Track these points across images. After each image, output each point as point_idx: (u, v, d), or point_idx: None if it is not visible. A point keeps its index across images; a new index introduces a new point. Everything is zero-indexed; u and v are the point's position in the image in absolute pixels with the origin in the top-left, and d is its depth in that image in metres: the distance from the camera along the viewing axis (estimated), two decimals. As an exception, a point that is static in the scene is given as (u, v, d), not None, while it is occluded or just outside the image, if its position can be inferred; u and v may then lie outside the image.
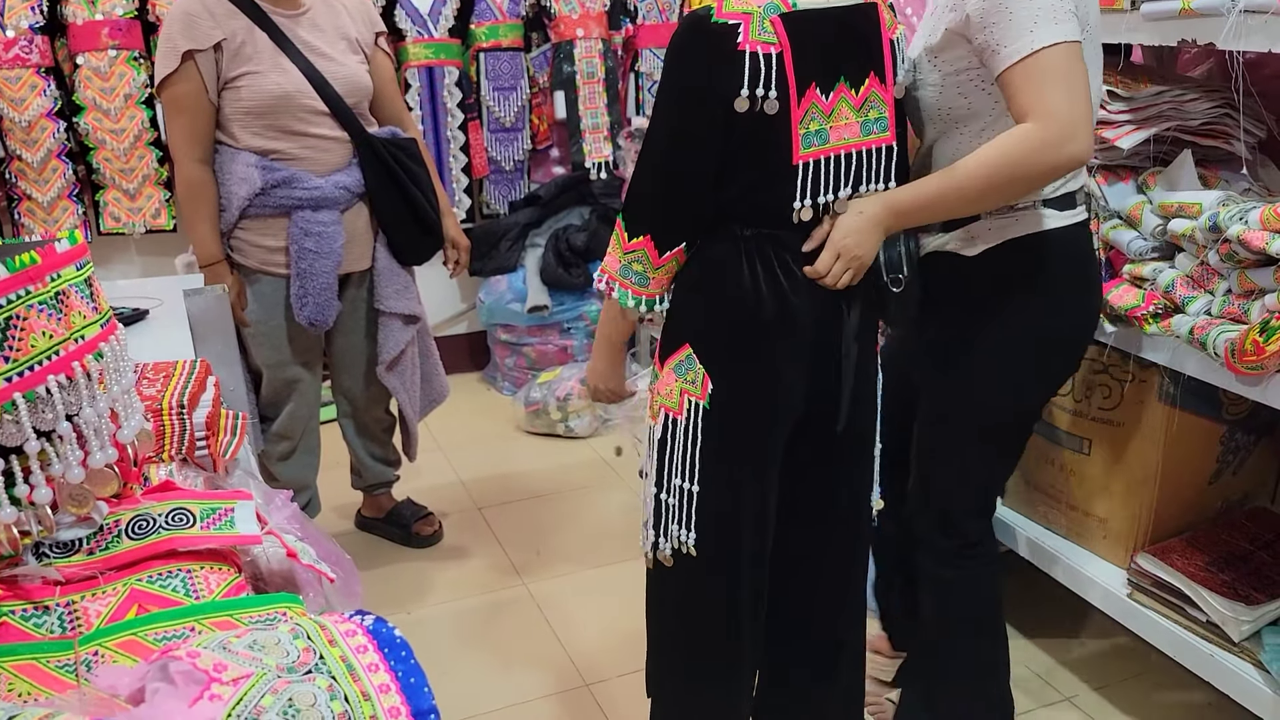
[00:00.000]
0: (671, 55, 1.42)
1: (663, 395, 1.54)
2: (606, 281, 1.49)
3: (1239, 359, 1.55)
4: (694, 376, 1.51)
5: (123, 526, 0.85)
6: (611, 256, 1.48)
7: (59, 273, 0.78)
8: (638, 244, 1.46)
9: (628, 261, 1.47)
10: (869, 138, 1.46)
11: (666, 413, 1.54)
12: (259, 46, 2.21)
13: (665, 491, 1.56)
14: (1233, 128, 1.86)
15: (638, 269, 1.47)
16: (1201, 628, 1.79)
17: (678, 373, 1.52)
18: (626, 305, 1.49)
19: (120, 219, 3.25)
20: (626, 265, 1.47)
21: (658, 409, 1.56)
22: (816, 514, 1.65)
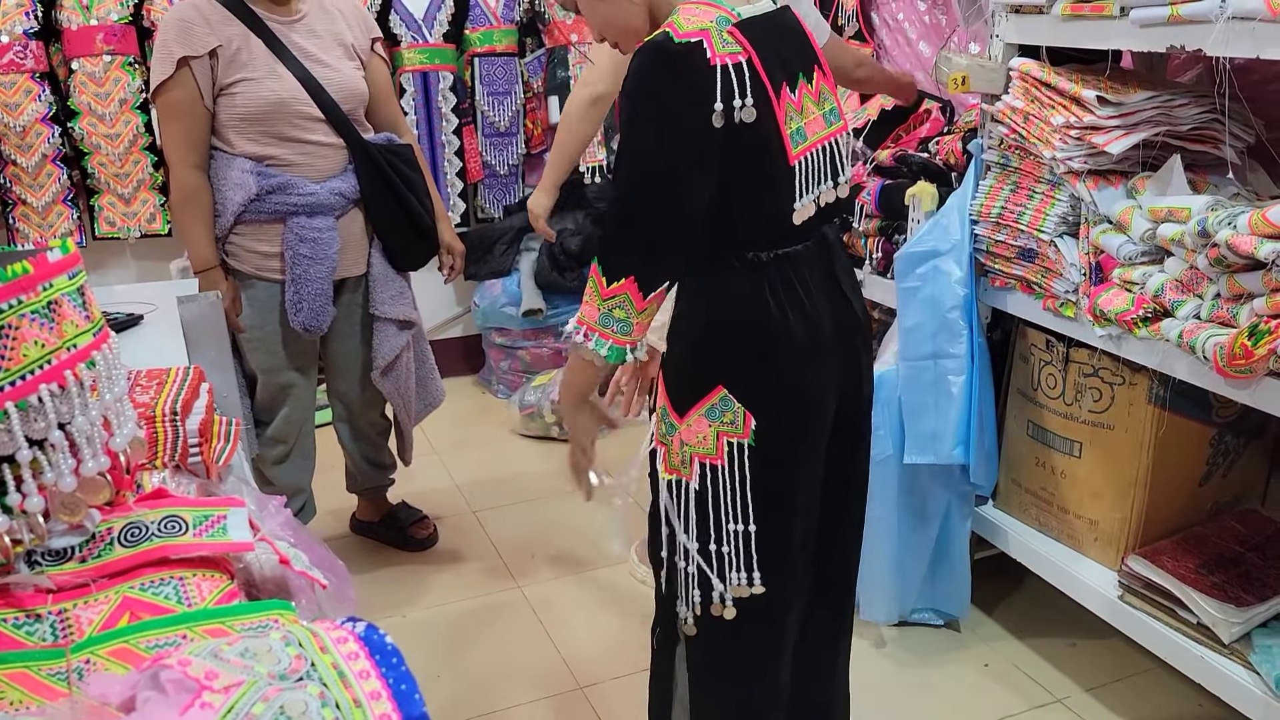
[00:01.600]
0: (641, 88, 1.34)
1: (694, 444, 1.47)
2: (585, 333, 1.38)
3: (1228, 362, 1.56)
4: (732, 417, 1.46)
5: (115, 534, 0.86)
6: (589, 306, 1.37)
7: (51, 282, 0.79)
8: (618, 289, 1.35)
9: (608, 309, 1.36)
10: (831, 128, 1.47)
11: (703, 462, 1.46)
12: (254, 53, 2.21)
13: (717, 541, 1.49)
14: (1221, 133, 1.87)
15: (619, 315, 1.36)
16: (1192, 630, 1.80)
17: (711, 417, 1.46)
18: (606, 357, 1.38)
19: (115, 224, 3.26)
20: (607, 314, 1.36)
21: (687, 460, 1.48)
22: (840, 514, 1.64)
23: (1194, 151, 1.89)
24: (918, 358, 2.13)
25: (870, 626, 2.34)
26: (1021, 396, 2.21)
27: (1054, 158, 1.89)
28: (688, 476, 1.48)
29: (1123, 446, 1.99)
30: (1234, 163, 1.89)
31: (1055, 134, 1.89)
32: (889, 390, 2.16)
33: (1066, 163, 1.88)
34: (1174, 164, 1.82)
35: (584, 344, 1.38)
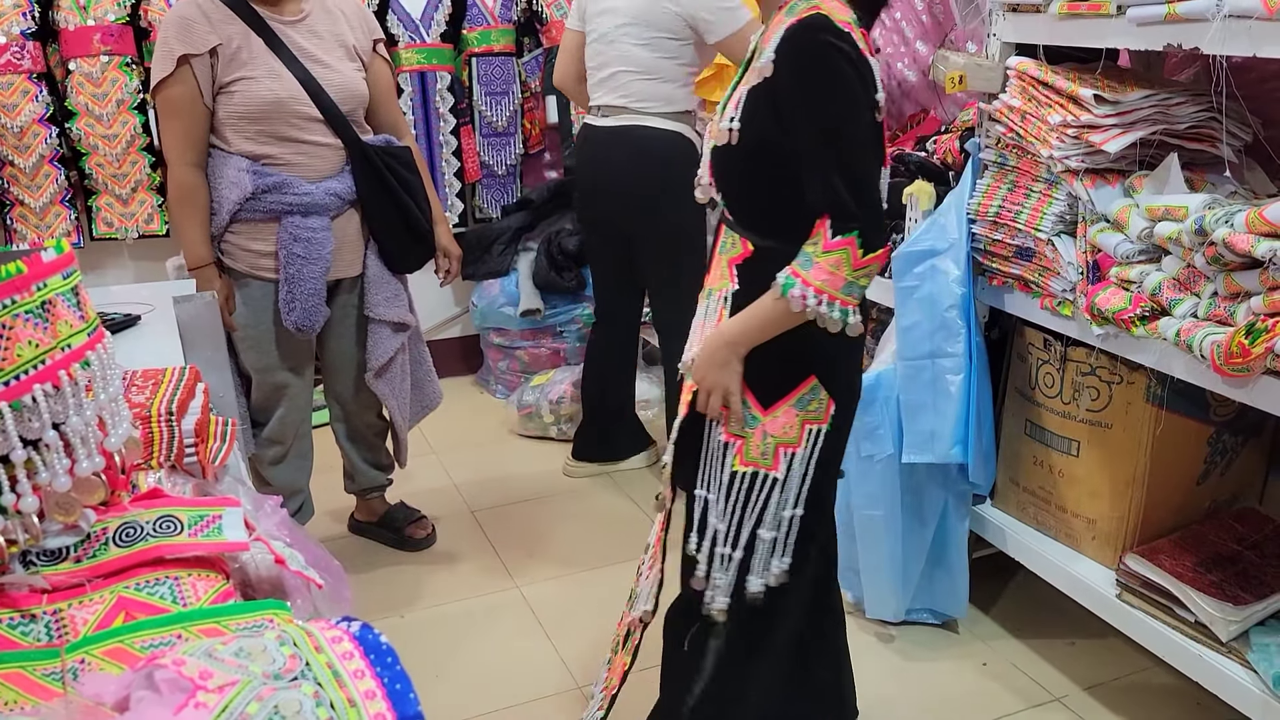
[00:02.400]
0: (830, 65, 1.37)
1: (779, 435, 1.50)
2: (826, 300, 1.38)
3: (1225, 361, 1.56)
4: (817, 405, 1.50)
5: (110, 534, 0.86)
6: (832, 274, 1.37)
7: (45, 282, 0.79)
8: (872, 259, 1.38)
9: (855, 278, 1.38)
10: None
11: (788, 451, 1.50)
12: (254, 52, 2.21)
13: (773, 527, 1.53)
14: (1218, 131, 1.87)
15: (863, 284, 1.40)
16: (1190, 628, 1.80)
17: (799, 406, 1.49)
18: (845, 321, 1.40)
19: (113, 224, 3.25)
20: (852, 282, 1.38)
21: (770, 452, 1.50)
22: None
23: (1191, 150, 1.89)
24: (915, 357, 2.13)
25: (869, 624, 2.34)
26: (1019, 395, 2.21)
27: (1051, 156, 1.89)
28: (770, 468, 1.51)
29: (1120, 445, 1.99)
30: (1231, 161, 1.88)
31: (1052, 133, 1.89)
32: (887, 389, 2.16)
33: (1064, 161, 1.88)
34: (1171, 162, 1.82)
35: (821, 310, 1.38)
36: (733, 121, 1.45)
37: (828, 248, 1.38)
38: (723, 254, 1.56)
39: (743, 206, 1.52)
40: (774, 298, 1.41)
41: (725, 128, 1.46)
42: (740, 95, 1.46)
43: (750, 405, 1.50)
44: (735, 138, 1.45)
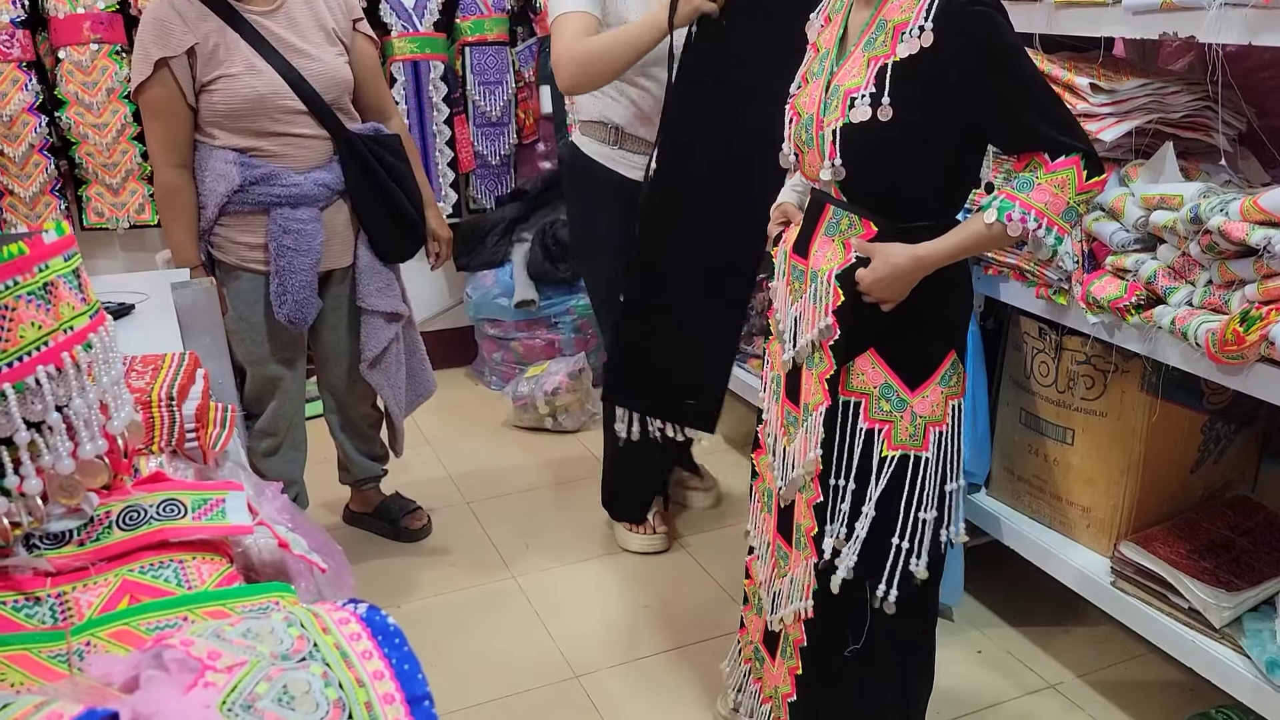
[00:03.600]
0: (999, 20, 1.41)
1: (928, 414, 1.52)
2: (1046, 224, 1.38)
3: (1220, 349, 1.57)
4: (956, 380, 1.54)
5: (114, 517, 0.85)
6: (1056, 197, 1.37)
7: (47, 263, 0.78)
8: (1097, 183, 1.40)
9: (1076, 203, 1.38)
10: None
11: (937, 429, 1.52)
12: (232, 48, 2.18)
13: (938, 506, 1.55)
14: (1213, 120, 1.88)
15: (1081, 210, 1.41)
16: (1183, 614, 1.81)
17: (943, 383, 1.52)
18: (1055, 249, 1.41)
19: (104, 214, 3.24)
20: (1072, 208, 1.38)
21: (920, 432, 1.51)
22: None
23: (1186, 139, 1.90)
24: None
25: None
26: (1014, 385, 2.21)
27: (1047, 145, 1.89)
28: (920, 448, 1.52)
29: (1115, 434, 2.00)
30: (1226, 150, 1.89)
31: (1048, 122, 1.89)
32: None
33: (1060, 150, 1.88)
34: (1166, 151, 1.82)
35: (1039, 234, 1.38)
36: (878, 97, 1.42)
37: (1051, 169, 1.38)
38: (834, 235, 1.53)
39: (877, 186, 1.49)
40: (984, 223, 1.40)
41: (865, 104, 1.42)
42: (876, 70, 1.43)
43: (897, 388, 1.51)
44: (888, 113, 1.41)
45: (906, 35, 1.41)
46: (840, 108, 1.45)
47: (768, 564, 1.78)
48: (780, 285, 1.66)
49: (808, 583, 1.64)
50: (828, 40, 1.56)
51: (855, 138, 1.44)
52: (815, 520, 1.60)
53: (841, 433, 1.54)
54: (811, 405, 1.58)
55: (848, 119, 1.44)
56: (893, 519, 1.54)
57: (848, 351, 1.52)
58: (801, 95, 1.56)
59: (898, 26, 1.43)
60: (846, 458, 1.54)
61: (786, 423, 1.66)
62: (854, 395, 1.53)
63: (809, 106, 1.52)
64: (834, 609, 1.62)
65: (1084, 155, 1.38)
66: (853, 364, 1.52)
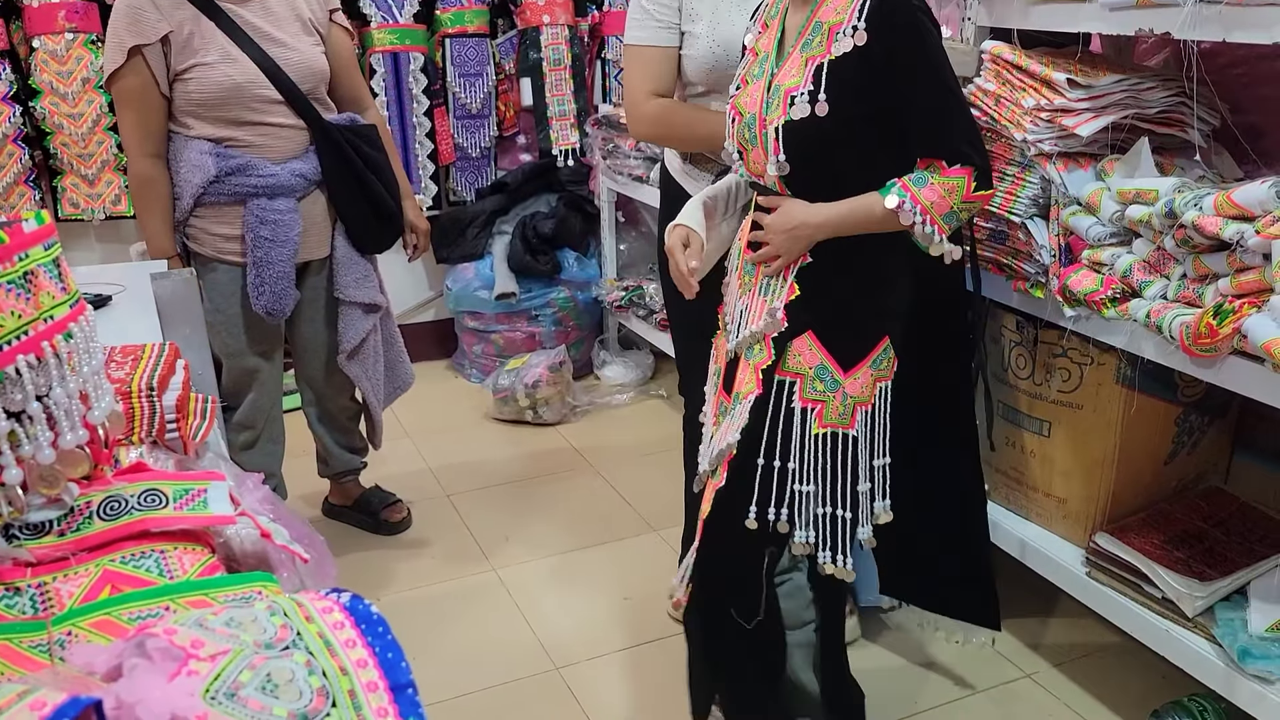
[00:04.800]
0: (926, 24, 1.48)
1: (858, 395, 1.58)
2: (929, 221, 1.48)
3: (1194, 341, 1.59)
4: (887, 364, 1.60)
5: (94, 508, 0.85)
6: (942, 199, 1.48)
7: (27, 252, 0.78)
8: (982, 196, 1.50)
9: (961, 209, 1.49)
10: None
11: (863, 409, 1.58)
12: (207, 37, 2.16)
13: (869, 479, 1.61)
14: (1188, 116, 1.90)
15: (963, 217, 1.51)
16: (1157, 604, 1.84)
17: (874, 366, 1.59)
18: (933, 242, 1.50)
19: (79, 205, 3.20)
20: (956, 212, 1.49)
21: (848, 411, 1.57)
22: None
23: (1161, 134, 1.92)
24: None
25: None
26: (992, 377, 2.23)
27: (1025, 140, 1.91)
28: (847, 426, 1.58)
29: (1091, 426, 2.02)
30: (1200, 145, 1.92)
31: (1026, 116, 1.90)
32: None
33: (1037, 145, 1.90)
34: (1142, 146, 1.84)
35: (923, 226, 1.48)
36: (815, 95, 1.49)
37: (946, 174, 1.48)
38: None
39: (817, 179, 1.56)
40: (879, 203, 1.49)
41: (804, 102, 1.50)
42: (813, 69, 1.50)
43: (832, 369, 1.57)
44: (824, 109, 1.49)
45: (840, 35, 1.49)
46: (781, 106, 1.53)
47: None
48: (732, 279, 1.73)
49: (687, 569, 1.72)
50: (766, 44, 1.63)
51: (796, 134, 1.52)
52: (712, 505, 1.65)
53: (774, 414, 1.59)
54: (743, 394, 1.63)
55: (789, 116, 1.52)
56: (826, 491, 1.60)
57: (787, 335, 1.59)
58: (742, 95, 1.63)
59: (832, 27, 1.50)
60: (781, 438, 1.59)
61: (719, 413, 1.71)
62: (789, 375, 1.59)
63: (750, 106, 1.59)
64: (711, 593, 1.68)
65: (977, 169, 1.49)
66: (790, 346, 1.58)
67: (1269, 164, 1.96)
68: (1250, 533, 1.98)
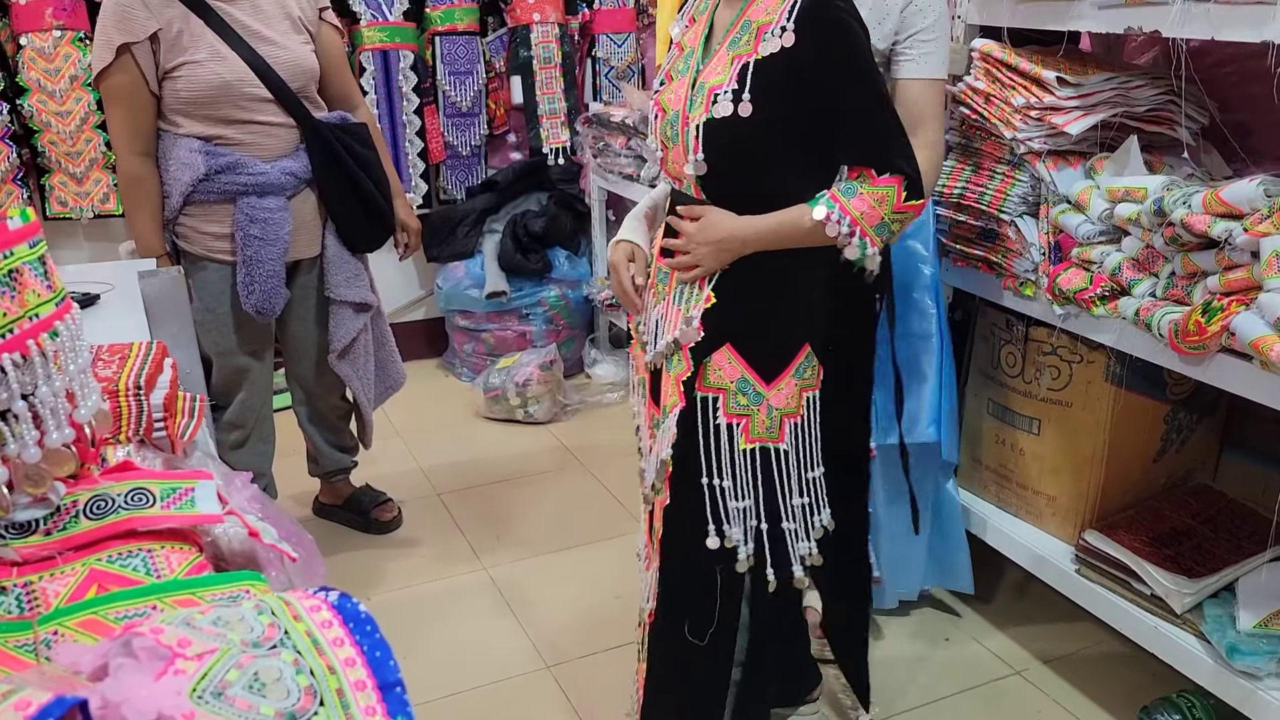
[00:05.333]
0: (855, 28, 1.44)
1: (783, 407, 1.53)
2: (859, 233, 1.43)
3: (1182, 339, 1.60)
4: (811, 372, 1.55)
5: (81, 506, 0.84)
6: (873, 210, 1.43)
7: (12, 250, 0.77)
8: (913, 206, 1.45)
9: (892, 220, 1.45)
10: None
11: (791, 421, 1.54)
12: (196, 34, 2.15)
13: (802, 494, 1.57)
14: (1176, 114, 1.91)
15: (895, 228, 1.46)
16: (1146, 601, 1.85)
17: (798, 376, 1.54)
18: (863, 253, 1.45)
19: (67, 203, 3.19)
20: (887, 223, 1.44)
21: (776, 424, 1.53)
22: None
23: (1150, 133, 1.93)
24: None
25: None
26: (982, 375, 2.24)
27: (1014, 138, 1.91)
28: (776, 440, 1.54)
29: (1080, 423, 2.03)
30: (1189, 144, 1.92)
31: (1016, 114, 1.91)
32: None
33: (1027, 143, 1.91)
34: (1131, 145, 1.85)
35: (851, 240, 1.44)
36: (739, 94, 1.43)
37: (875, 183, 1.44)
38: None
39: (734, 181, 1.50)
40: (806, 216, 1.44)
41: (728, 100, 1.44)
42: (739, 68, 1.44)
43: (753, 382, 1.52)
44: (747, 109, 1.43)
45: (769, 35, 1.44)
46: (704, 104, 1.47)
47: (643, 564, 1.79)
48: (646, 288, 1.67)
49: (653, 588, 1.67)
50: (692, 39, 1.58)
51: (717, 133, 1.46)
52: (664, 523, 1.61)
53: (704, 431, 1.55)
54: (669, 407, 1.59)
55: (711, 114, 1.46)
56: (760, 506, 1.56)
57: (705, 349, 1.54)
58: (666, 92, 1.57)
59: (761, 27, 1.45)
60: (712, 456, 1.55)
61: (652, 425, 1.68)
62: (711, 391, 1.54)
63: (674, 103, 1.54)
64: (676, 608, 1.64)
65: (906, 178, 1.44)
66: (709, 361, 1.53)
67: (1257, 162, 1.97)
68: (1238, 530, 1.99)
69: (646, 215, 1.74)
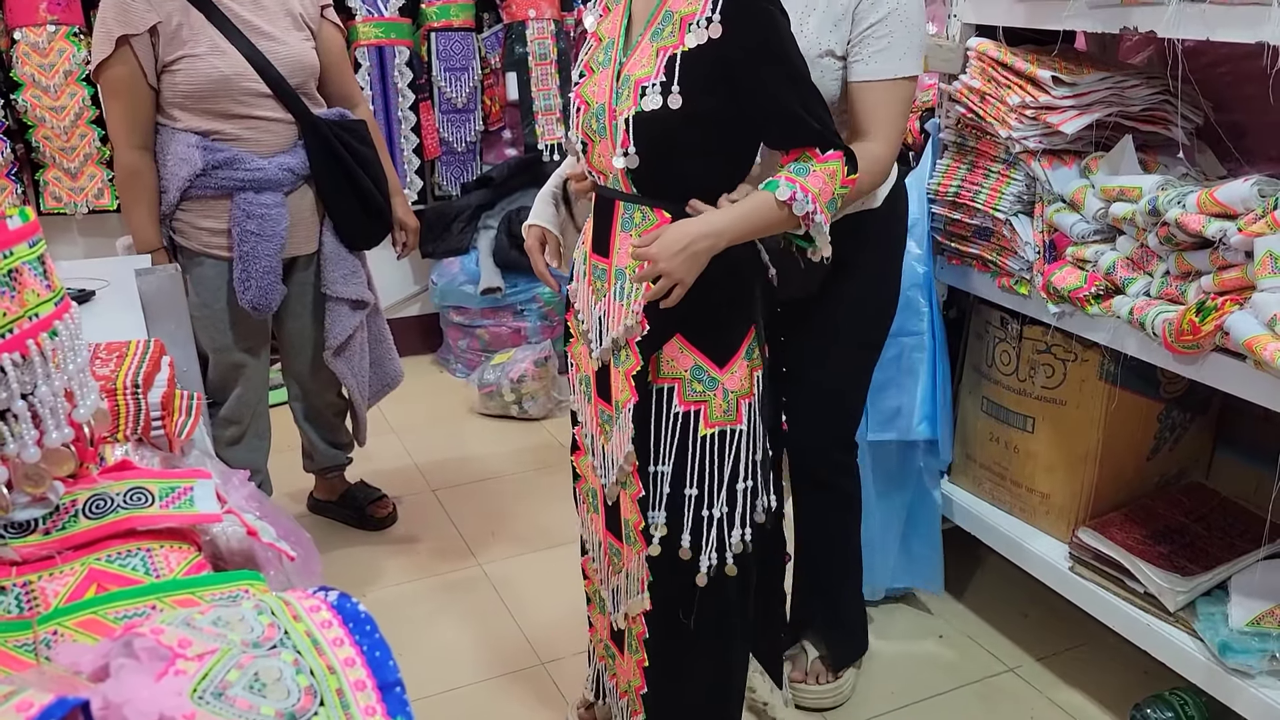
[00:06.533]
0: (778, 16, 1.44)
1: (738, 389, 1.55)
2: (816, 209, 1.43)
3: (1176, 338, 1.61)
4: (757, 351, 1.59)
5: (80, 506, 0.84)
6: (826, 185, 1.44)
7: (11, 250, 0.77)
8: (853, 180, 1.48)
9: (839, 194, 1.47)
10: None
11: (747, 402, 1.57)
12: (196, 28, 2.14)
13: (749, 477, 1.59)
14: (1171, 114, 1.92)
15: (838, 204, 1.49)
16: (1139, 599, 1.86)
17: (748, 357, 1.56)
18: (821, 233, 1.47)
19: (61, 199, 3.18)
20: (836, 198, 1.46)
21: (733, 407, 1.55)
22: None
23: (1145, 132, 1.93)
24: (880, 336, 2.15)
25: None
26: (976, 373, 2.25)
27: (1010, 137, 1.92)
28: (734, 422, 1.56)
29: (1074, 421, 2.04)
30: (1184, 143, 1.93)
31: (1011, 113, 1.91)
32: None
33: (1022, 142, 1.91)
34: (1126, 144, 1.86)
35: (816, 216, 1.44)
36: (668, 86, 1.42)
37: (822, 160, 1.45)
38: (630, 229, 1.53)
39: (667, 174, 1.49)
40: (773, 200, 1.43)
41: (656, 93, 1.42)
42: (665, 59, 1.43)
43: (707, 368, 1.54)
44: (677, 101, 1.42)
45: (694, 26, 1.42)
46: (632, 97, 1.46)
47: (602, 562, 1.79)
48: (581, 286, 1.66)
49: (642, 575, 1.66)
50: (610, 30, 1.55)
51: (647, 126, 1.45)
52: (640, 513, 1.62)
53: (657, 421, 1.56)
54: (621, 402, 1.59)
55: (640, 107, 1.45)
56: (711, 493, 1.58)
57: (654, 343, 1.54)
58: (588, 84, 1.54)
59: (685, 18, 1.44)
60: (665, 445, 1.56)
61: (602, 421, 1.67)
62: (666, 382, 1.55)
63: (599, 96, 1.51)
64: (669, 594, 1.64)
65: (846, 153, 1.47)
66: (661, 352, 1.54)
67: (1252, 162, 1.98)
68: (1231, 528, 2.00)
69: (554, 194, 1.77)
